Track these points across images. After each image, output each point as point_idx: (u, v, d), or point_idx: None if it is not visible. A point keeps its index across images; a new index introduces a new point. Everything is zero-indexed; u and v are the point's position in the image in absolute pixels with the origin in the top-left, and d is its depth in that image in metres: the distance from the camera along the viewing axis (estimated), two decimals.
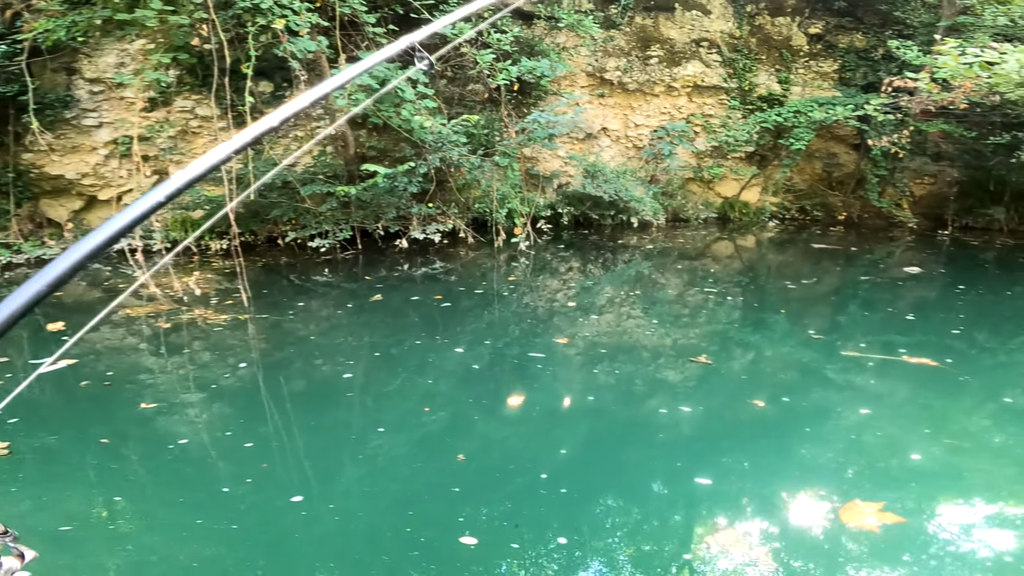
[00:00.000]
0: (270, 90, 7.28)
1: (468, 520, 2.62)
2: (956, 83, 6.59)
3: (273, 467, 2.99)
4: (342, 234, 6.88)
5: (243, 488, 2.82)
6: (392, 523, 2.67)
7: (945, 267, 6.93)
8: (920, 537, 2.49)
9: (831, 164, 9.42)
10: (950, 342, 4.55)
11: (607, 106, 8.94)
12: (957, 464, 3.00)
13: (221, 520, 2.61)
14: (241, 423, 3.44)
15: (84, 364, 4.08)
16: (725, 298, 5.87)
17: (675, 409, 3.58)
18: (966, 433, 3.30)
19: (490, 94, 7.58)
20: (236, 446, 3.15)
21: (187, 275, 6.18)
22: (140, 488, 2.87)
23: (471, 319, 5.21)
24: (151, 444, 3.17)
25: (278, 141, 7.58)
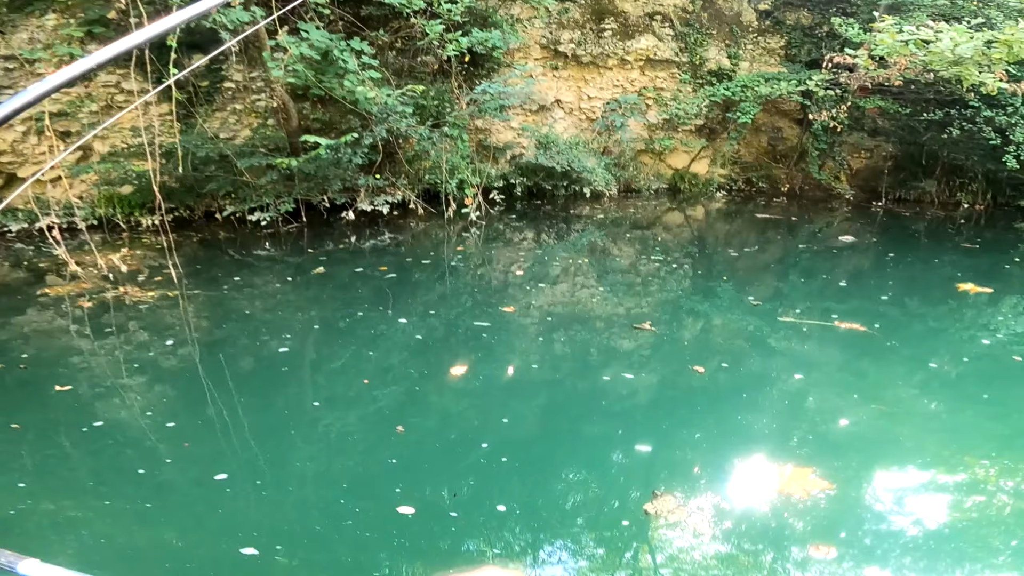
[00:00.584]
0: (205, 64, 6.86)
1: (405, 491, 2.59)
2: (892, 60, 6.81)
3: (196, 446, 2.87)
4: (284, 207, 6.60)
5: (161, 468, 2.70)
6: (324, 495, 2.63)
7: (878, 237, 7.27)
8: (849, 503, 2.58)
9: (776, 138, 9.67)
10: (880, 308, 4.78)
11: (561, 78, 8.85)
12: (885, 430, 3.12)
13: (134, 500, 2.50)
14: (163, 403, 3.29)
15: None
16: (672, 267, 5.99)
17: (618, 376, 3.63)
18: (894, 399, 3.45)
19: (441, 65, 7.36)
20: (157, 426, 3.01)
21: (114, 252, 5.81)
22: (49, 471, 2.70)
23: (417, 290, 5.12)
24: (64, 427, 2.98)
25: (213, 114, 7.19)
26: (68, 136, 7.00)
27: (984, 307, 4.79)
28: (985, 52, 6.19)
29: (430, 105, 7.17)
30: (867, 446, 2.98)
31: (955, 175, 8.55)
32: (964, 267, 5.82)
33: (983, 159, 7.85)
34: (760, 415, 3.26)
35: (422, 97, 7.13)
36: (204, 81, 7.06)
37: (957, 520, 2.51)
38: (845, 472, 2.77)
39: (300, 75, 5.84)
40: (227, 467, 2.69)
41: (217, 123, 7.19)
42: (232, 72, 7.06)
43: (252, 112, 7.32)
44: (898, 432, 3.10)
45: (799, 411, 3.33)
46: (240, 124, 7.28)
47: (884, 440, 3.04)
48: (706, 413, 3.31)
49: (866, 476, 2.77)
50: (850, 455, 2.90)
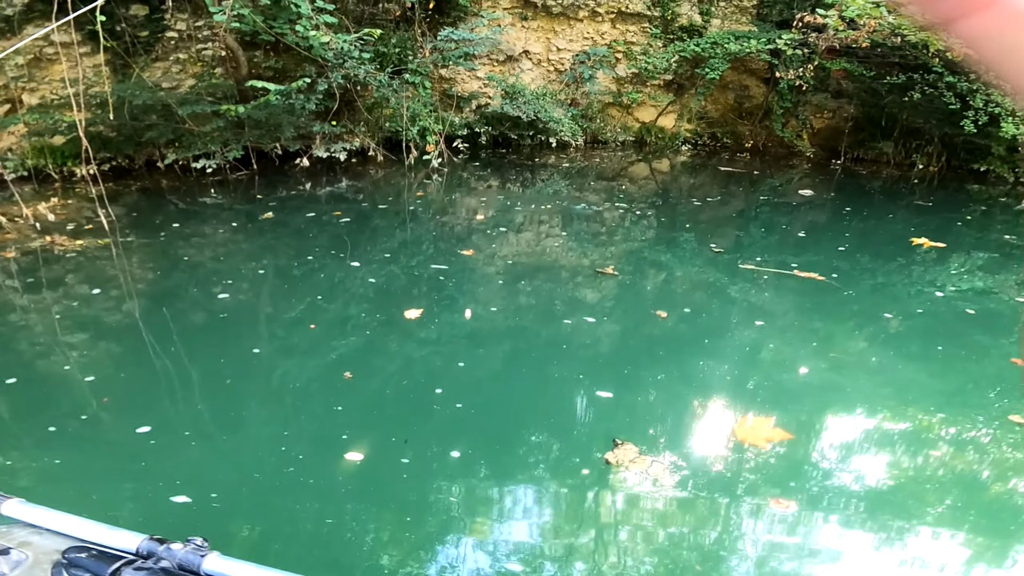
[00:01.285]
0: (144, 13, 6.37)
1: (353, 437, 2.50)
2: (862, 22, 6.80)
3: (117, 400, 2.70)
4: (231, 154, 6.24)
5: (75, 424, 2.52)
6: (264, 444, 2.50)
7: (836, 193, 7.39)
8: (805, 453, 2.61)
9: (742, 95, 9.66)
10: (837, 259, 4.86)
11: (530, 29, 8.54)
12: (842, 380, 3.15)
13: (40, 458, 2.33)
14: (83, 354, 3.07)
15: None
16: (636, 216, 5.95)
17: (580, 321, 3.58)
18: (850, 348, 3.50)
19: (404, 12, 6.97)
20: (73, 381, 2.80)
21: (45, 202, 5.38)
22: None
23: (373, 235, 4.94)
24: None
25: (153, 64, 6.70)
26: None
27: (936, 261, 4.93)
28: None
29: (391, 52, 6.82)
30: (824, 396, 3.02)
31: (912, 137, 8.72)
32: (917, 223, 5.97)
33: (941, 123, 8.00)
34: (721, 362, 3.28)
35: (382, 43, 6.77)
36: (144, 31, 6.58)
37: (915, 472, 2.57)
38: (803, 422, 2.79)
39: (247, 20, 5.43)
40: (152, 419, 2.54)
41: (159, 73, 6.79)
42: (175, 21, 6.61)
43: (198, 61, 6.91)
44: (853, 382, 3.16)
45: (759, 359, 3.36)
46: (184, 73, 6.88)
47: (840, 390, 3.09)
48: (668, 359, 3.30)
49: (822, 427, 2.80)
50: (808, 405, 2.93)
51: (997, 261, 5.08)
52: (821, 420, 2.84)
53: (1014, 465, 2.59)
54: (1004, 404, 2.97)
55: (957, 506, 2.37)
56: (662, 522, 2.25)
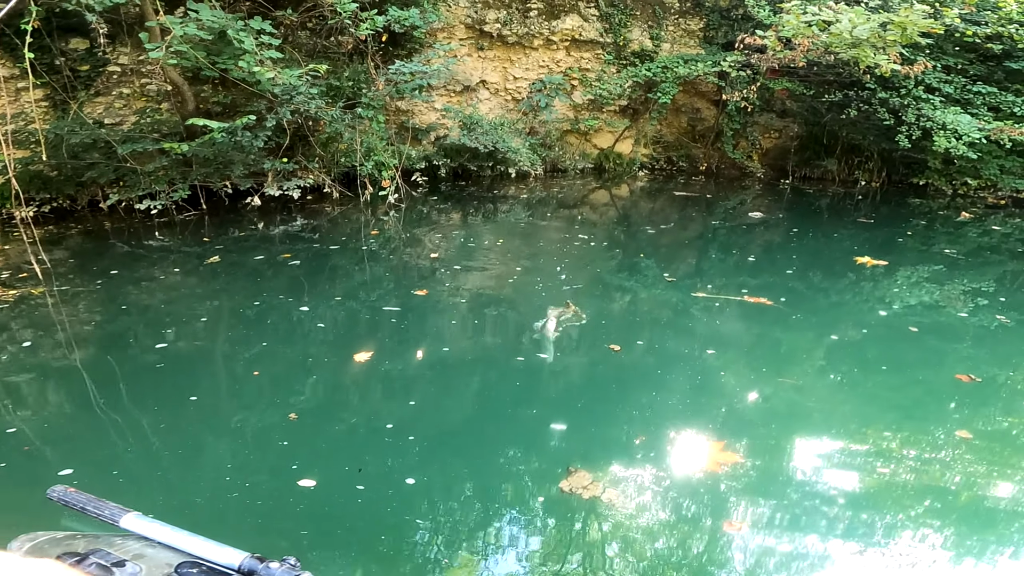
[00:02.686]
0: (85, 46, 6.20)
1: (304, 467, 2.51)
2: (797, 42, 7.09)
3: (38, 448, 2.62)
4: (177, 194, 6.07)
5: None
6: (205, 475, 2.50)
7: (785, 213, 7.62)
8: (754, 473, 2.64)
9: (695, 118, 9.94)
10: (786, 282, 4.99)
11: (486, 59, 8.65)
12: (793, 402, 3.21)
13: None
14: (5, 406, 2.94)
15: None
16: (593, 245, 6.01)
17: (532, 357, 3.57)
18: (800, 371, 3.57)
19: (357, 45, 6.96)
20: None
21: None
22: None
23: (324, 277, 4.86)
24: None
25: (93, 99, 6.51)
26: None
27: (880, 279, 5.10)
28: (880, 34, 6.55)
29: (344, 86, 6.79)
30: (776, 419, 3.07)
31: (854, 154, 9.11)
32: (861, 241, 6.19)
33: (878, 139, 8.38)
34: (674, 392, 3.31)
35: (335, 77, 6.74)
36: (84, 65, 6.39)
37: (863, 491, 2.60)
38: (755, 446, 2.83)
39: (189, 56, 5.34)
40: (76, 463, 2.49)
41: (101, 108, 6.58)
42: (117, 55, 6.44)
43: (142, 96, 6.73)
44: (804, 405, 3.22)
45: (711, 387, 3.40)
46: (128, 109, 6.69)
47: (792, 413, 3.14)
48: (621, 391, 3.31)
49: (775, 449, 2.84)
50: (760, 429, 2.97)
51: (941, 274, 5.29)
52: (771, 443, 2.89)
53: (969, 481, 2.65)
54: (955, 419, 3.06)
55: (917, 522, 2.42)
56: (616, 546, 2.26)
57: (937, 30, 6.59)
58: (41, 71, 6.02)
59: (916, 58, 7.13)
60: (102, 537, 1.04)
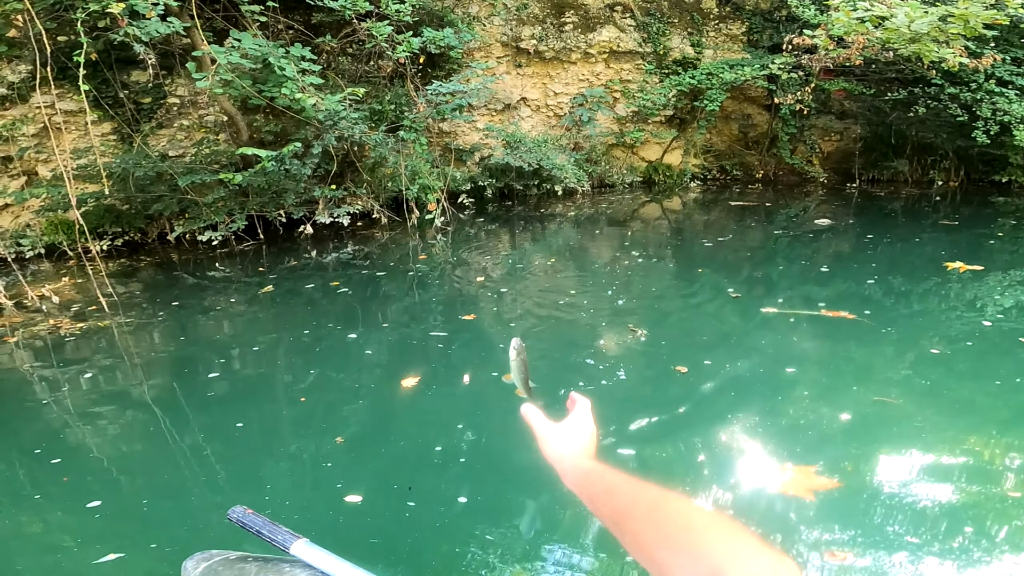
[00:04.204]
0: (145, 79, 6.48)
1: (348, 485, 2.46)
2: (850, 39, 6.69)
3: (75, 478, 2.63)
4: (235, 224, 6.23)
5: (29, 504, 2.45)
6: (242, 494, 2.51)
7: (855, 218, 7.12)
8: (857, 499, 2.37)
9: (746, 125, 9.57)
10: (867, 293, 4.58)
11: (525, 76, 8.62)
12: (890, 420, 2.90)
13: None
14: (58, 439, 2.98)
15: None
16: (647, 261, 5.75)
17: (592, 381, 3.36)
18: (896, 388, 3.23)
19: (396, 68, 7.06)
20: (42, 463, 2.72)
21: (57, 282, 5.39)
22: None
23: (372, 303, 4.83)
24: None
25: (157, 132, 6.80)
26: (9, 161, 6.57)
27: (977, 286, 4.61)
28: (941, 27, 6.09)
29: (386, 109, 6.87)
30: (872, 438, 2.77)
31: (926, 153, 8.50)
32: (947, 244, 5.67)
33: (952, 136, 7.78)
34: (751, 414, 3.02)
35: (377, 102, 6.83)
36: (146, 97, 6.68)
37: (979, 518, 2.29)
38: (851, 467, 2.56)
39: (236, 85, 5.51)
40: (101, 494, 2.47)
41: (164, 140, 6.82)
42: (176, 86, 6.69)
43: (201, 127, 6.95)
44: (909, 425, 2.88)
45: (794, 408, 3.09)
46: (189, 140, 6.91)
47: (890, 431, 2.82)
48: (692, 414, 3.05)
49: (873, 472, 2.55)
50: (855, 449, 2.68)
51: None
52: (871, 466, 2.59)
53: None
54: None
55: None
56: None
57: (1002, 21, 6.06)
58: (105, 104, 6.34)
59: (983, 51, 6.58)
60: (271, 562, 1.11)
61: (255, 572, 1.07)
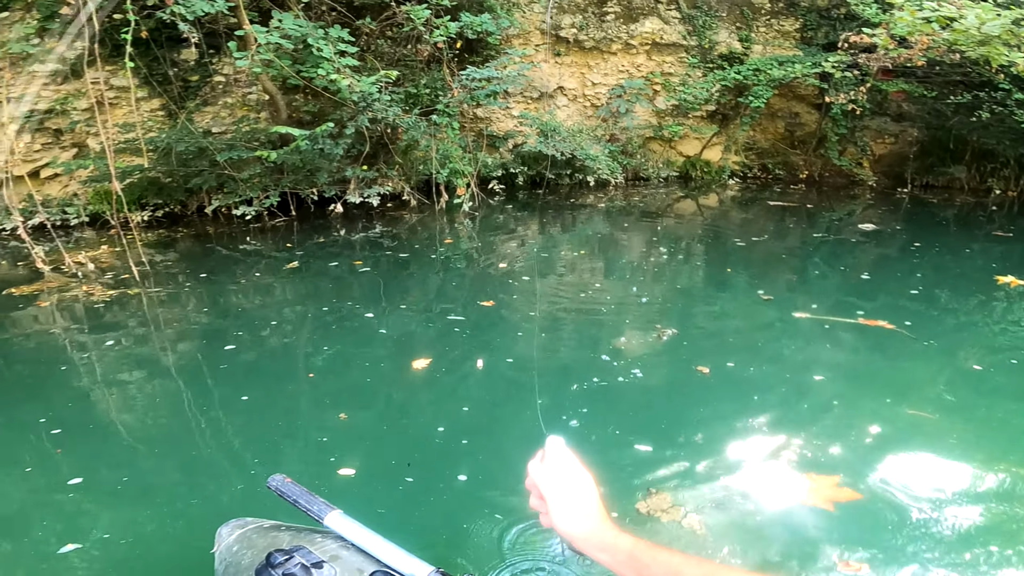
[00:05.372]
0: (195, 58, 6.63)
1: (342, 459, 2.48)
2: (914, 40, 6.34)
3: (67, 452, 2.64)
4: (269, 200, 6.35)
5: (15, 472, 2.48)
6: (240, 464, 2.53)
7: (903, 225, 6.76)
8: (878, 513, 2.25)
9: (793, 123, 9.20)
10: (910, 303, 4.33)
11: (563, 64, 8.49)
12: (920, 433, 2.75)
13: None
14: (66, 405, 3.04)
15: None
16: (676, 258, 5.59)
17: (608, 375, 3.27)
18: (928, 400, 3.05)
19: (433, 53, 7.03)
20: (35, 426, 2.79)
21: (94, 250, 5.59)
22: None
23: (393, 284, 4.82)
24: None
25: (202, 109, 6.96)
26: (60, 134, 6.85)
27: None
28: (1014, 31, 5.70)
29: (422, 93, 6.85)
30: (901, 453, 2.61)
31: (986, 160, 8.00)
32: (999, 257, 5.32)
33: (1015, 144, 7.31)
34: (773, 419, 2.89)
35: (412, 85, 6.82)
36: (194, 75, 6.84)
37: (995, 530, 2.16)
38: (875, 480, 2.42)
39: (275, 66, 5.57)
40: (83, 472, 2.47)
41: (208, 117, 6.99)
42: (222, 65, 6.81)
43: (244, 106, 7.08)
44: (943, 442, 2.71)
45: (820, 415, 2.95)
46: (232, 118, 7.06)
47: (921, 446, 2.67)
48: (711, 416, 2.94)
49: (899, 485, 2.41)
50: (881, 462, 2.54)
51: None
52: (897, 480, 2.44)
53: None
54: None
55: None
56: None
57: None
58: (154, 82, 6.52)
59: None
60: (304, 533, 1.13)
61: (288, 540, 1.08)
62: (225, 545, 1.18)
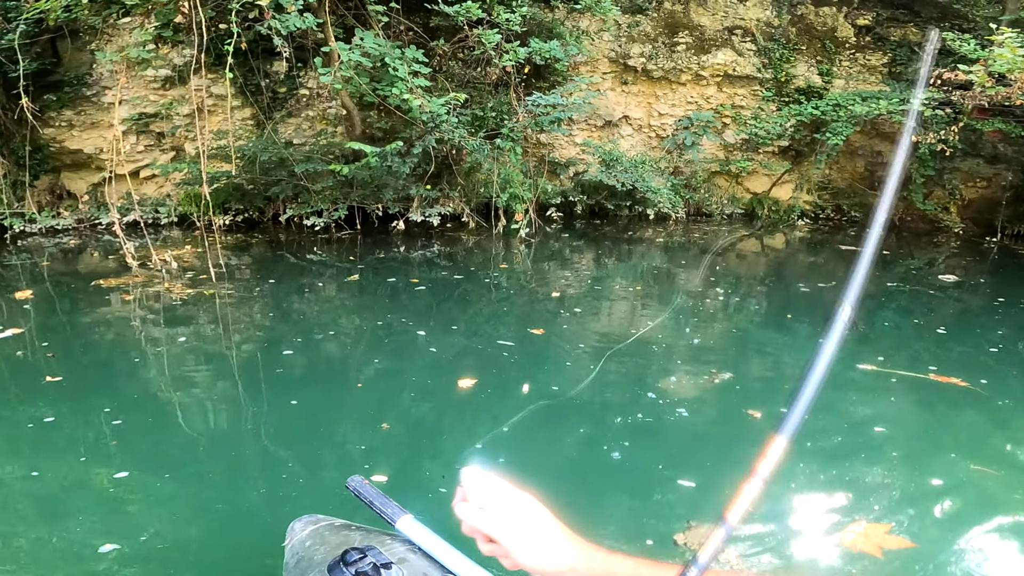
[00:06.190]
0: (284, 70, 7.13)
1: (378, 465, 2.57)
2: (1013, 77, 5.96)
3: (124, 443, 2.79)
4: (337, 213, 6.70)
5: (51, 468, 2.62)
6: (273, 464, 2.62)
7: (988, 277, 6.25)
8: (928, 563, 2.15)
9: (875, 163, 8.72)
10: (987, 361, 4.00)
11: (630, 93, 8.49)
12: (983, 491, 2.58)
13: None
14: (130, 397, 3.27)
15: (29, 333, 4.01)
16: (734, 299, 5.41)
17: (655, 412, 3.20)
18: (996, 458, 2.85)
19: (501, 77, 7.25)
20: (97, 423, 2.95)
21: (179, 249, 6.09)
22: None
23: (447, 304, 4.94)
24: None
25: (287, 120, 7.46)
26: (162, 137, 7.53)
27: None
28: None
29: (488, 116, 7.05)
30: (960, 506, 2.47)
31: None
32: None
33: None
34: (824, 464, 2.76)
35: (480, 108, 7.02)
36: (282, 88, 7.35)
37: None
38: (929, 531, 2.31)
39: (354, 83, 5.90)
40: (169, 466, 2.58)
41: (291, 129, 7.47)
42: (308, 79, 7.28)
43: (323, 119, 7.53)
44: (1000, 496, 2.54)
45: (876, 466, 2.79)
46: (312, 130, 7.53)
47: (981, 502, 2.50)
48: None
49: (954, 537, 2.29)
50: (937, 514, 2.41)
51: None
52: (952, 533, 2.31)
53: None
54: None
55: None
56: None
57: None
58: (248, 92, 7.06)
59: None
60: (373, 533, 1.15)
61: (359, 540, 1.09)
62: (298, 539, 1.21)
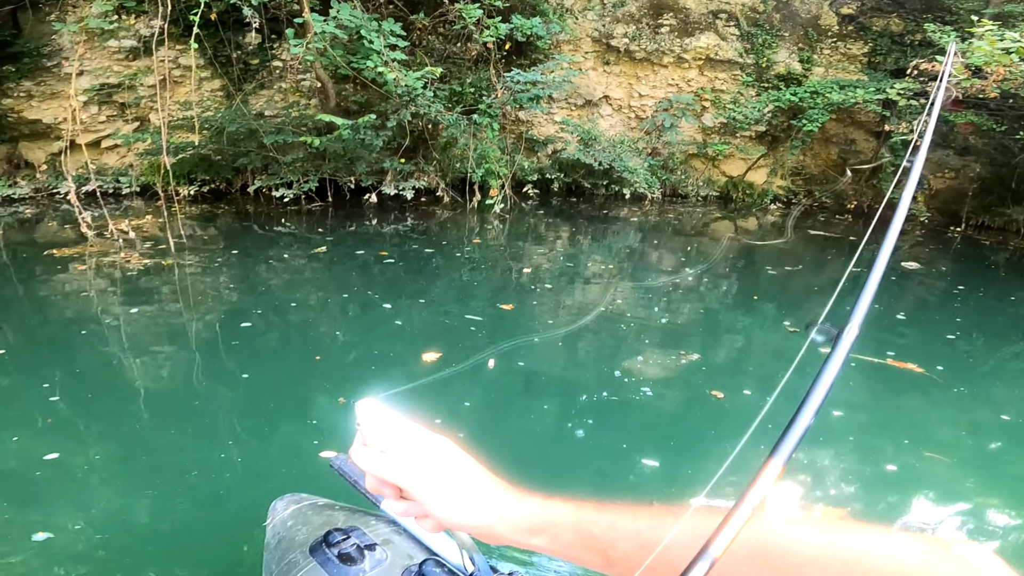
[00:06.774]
0: (256, 42, 6.88)
1: (327, 442, 2.51)
2: (990, 70, 6.02)
3: (59, 419, 2.69)
4: (307, 185, 6.53)
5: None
6: (212, 440, 2.56)
7: (949, 266, 6.42)
8: None
9: (848, 150, 8.85)
10: (942, 347, 4.12)
11: (611, 74, 8.41)
12: (934, 476, 2.66)
13: None
14: (66, 372, 3.15)
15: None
16: (704, 280, 5.46)
17: (618, 391, 3.22)
18: (949, 445, 2.93)
19: (480, 52, 7.09)
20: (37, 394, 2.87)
21: (139, 219, 5.87)
22: None
23: (416, 278, 4.88)
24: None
25: (258, 92, 7.21)
26: (125, 108, 7.22)
27: None
28: None
29: (466, 92, 6.91)
30: (913, 493, 2.55)
31: None
32: None
33: None
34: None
35: (458, 83, 6.88)
36: (254, 59, 7.09)
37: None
38: (884, 517, 2.39)
39: (328, 55, 5.71)
40: (60, 445, 2.50)
41: (263, 100, 7.23)
42: (281, 51, 7.04)
43: (296, 91, 7.31)
44: (951, 483, 2.63)
45: (835, 450, 2.85)
46: (284, 102, 7.31)
47: (934, 489, 2.59)
48: (719, 440, 2.87)
49: (908, 523, 2.38)
50: (892, 499, 2.49)
51: None
52: (906, 518, 2.40)
53: None
54: None
55: None
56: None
57: None
58: (218, 63, 6.79)
59: None
60: (358, 514, 1.13)
61: (342, 520, 1.08)
62: (279, 519, 1.18)
